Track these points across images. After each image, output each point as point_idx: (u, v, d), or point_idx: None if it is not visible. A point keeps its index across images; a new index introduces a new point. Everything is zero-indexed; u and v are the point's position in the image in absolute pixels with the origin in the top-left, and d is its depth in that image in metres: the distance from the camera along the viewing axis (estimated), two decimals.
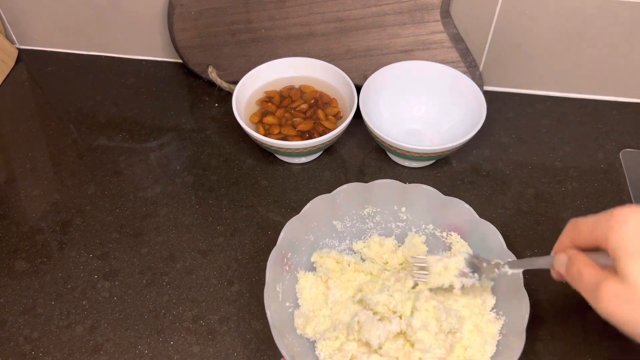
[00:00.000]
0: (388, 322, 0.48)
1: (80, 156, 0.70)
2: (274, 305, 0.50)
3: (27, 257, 0.60)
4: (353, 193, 0.57)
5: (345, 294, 0.53)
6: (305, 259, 0.56)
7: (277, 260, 0.53)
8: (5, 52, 0.81)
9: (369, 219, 0.59)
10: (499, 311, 0.51)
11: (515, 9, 0.67)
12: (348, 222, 0.59)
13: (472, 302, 0.51)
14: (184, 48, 0.75)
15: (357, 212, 0.58)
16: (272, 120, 0.67)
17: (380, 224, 0.59)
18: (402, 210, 0.58)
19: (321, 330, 0.51)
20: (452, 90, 0.68)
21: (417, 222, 0.58)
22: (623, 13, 0.65)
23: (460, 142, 0.61)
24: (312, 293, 0.54)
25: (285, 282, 0.54)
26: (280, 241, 0.53)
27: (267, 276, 0.51)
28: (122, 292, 0.57)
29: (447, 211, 0.56)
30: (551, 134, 0.71)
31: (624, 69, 0.71)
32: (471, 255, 0.50)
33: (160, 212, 0.64)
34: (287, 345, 0.47)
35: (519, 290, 0.49)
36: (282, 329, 0.49)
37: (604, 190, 0.65)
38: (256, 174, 0.67)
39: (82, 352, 0.53)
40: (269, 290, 0.50)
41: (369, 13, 0.69)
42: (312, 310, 0.53)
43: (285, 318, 0.52)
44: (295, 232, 0.55)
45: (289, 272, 0.54)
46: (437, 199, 0.56)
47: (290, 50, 0.73)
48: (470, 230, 0.55)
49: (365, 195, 0.58)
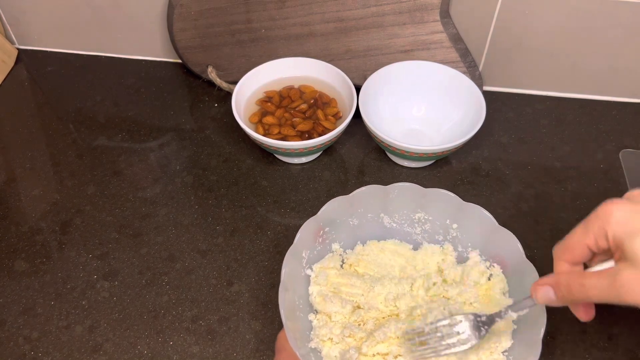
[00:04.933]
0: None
1: (80, 156, 0.70)
2: (293, 265, 0.50)
3: (26, 257, 0.60)
4: (408, 193, 0.56)
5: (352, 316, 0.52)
6: (343, 240, 0.56)
7: (313, 228, 0.53)
8: (5, 52, 0.81)
9: (418, 224, 0.57)
10: (510, 356, 0.48)
11: (515, 9, 0.67)
12: (397, 220, 0.57)
13: (484, 338, 0.48)
14: (184, 48, 0.75)
15: (408, 214, 0.57)
16: (272, 121, 0.67)
17: (429, 232, 0.57)
18: (453, 226, 0.56)
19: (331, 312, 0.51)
20: (452, 90, 0.68)
21: (465, 243, 0.56)
22: (623, 13, 0.65)
23: (460, 142, 0.61)
24: (333, 280, 0.53)
25: (315, 252, 0.54)
26: (321, 213, 0.53)
27: (296, 237, 0.51)
28: (121, 292, 0.57)
29: (498, 241, 0.53)
30: (551, 134, 0.71)
31: (624, 69, 0.71)
32: (473, 317, 0.47)
33: (160, 212, 0.64)
34: (287, 300, 0.47)
35: (534, 343, 0.46)
36: (290, 288, 0.49)
37: (603, 191, 0.65)
38: (256, 174, 0.67)
39: (81, 352, 0.53)
40: (294, 249, 0.50)
41: (369, 13, 0.69)
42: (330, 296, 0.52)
43: (298, 279, 0.52)
44: (339, 211, 0.54)
45: (321, 244, 0.54)
46: (491, 226, 0.53)
47: (290, 50, 0.73)
48: (514, 268, 0.53)
49: (420, 200, 0.56)
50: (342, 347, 0.49)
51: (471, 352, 0.48)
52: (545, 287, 0.42)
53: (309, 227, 0.52)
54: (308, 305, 0.52)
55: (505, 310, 0.46)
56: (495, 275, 0.54)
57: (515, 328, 0.50)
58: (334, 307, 0.51)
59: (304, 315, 0.51)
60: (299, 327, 0.49)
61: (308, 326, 0.51)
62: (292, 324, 0.47)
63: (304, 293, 0.53)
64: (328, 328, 0.50)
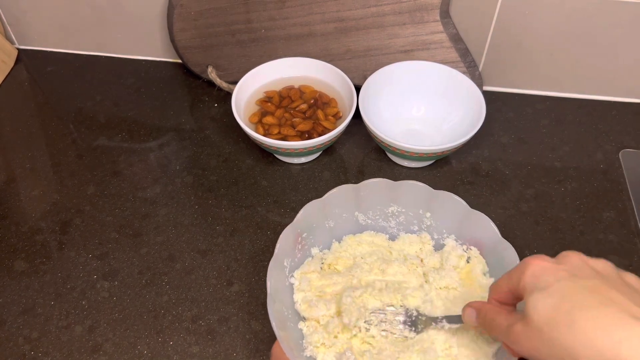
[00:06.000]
0: None
1: (80, 156, 0.70)
2: (277, 275, 0.50)
3: (26, 257, 0.60)
4: (379, 188, 0.56)
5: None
6: (322, 244, 0.56)
7: (291, 236, 0.52)
8: (5, 52, 0.81)
9: (392, 217, 0.58)
10: None
11: (514, 9, 0.67)
12: (371, 217, 0.58)
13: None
14: (184, 48, 0.75)
15: (382, 209, 0.57)
16: (272, 121, 0.67)
17: (403, 224, 0.58)
18: (427, 215, 0.57)
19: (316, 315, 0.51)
20: (452, 91, 0.68)
21: (440, 230, 0.57)
22: (623, 13, 0.65)
23: (459, 142, 0.61)
24: (315, 283, 0.53)
25: (296, 259, 0.54)
26: (296, 220, 0.53)
27: (276, 247, 0.51)
28: (121, 292, 0.57)
29: (472, 224, 0.54)
30: (551, 134, 0.71)
31: (624, 69, 0.71)
32: (409, 309, 0.50)
33: (160, 212, 0.64)
34: (276, 311, 0.47)
35: None
36: (277, 300, 0.49)
37: (603, 190, 0.65)
38: (255, 174, 0.67)
39: (81, 352, 0.53)
40: (276, 260, 0.50)
41: (369, 13, 0.69)
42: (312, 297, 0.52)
43: (283, 289, 0.52)
44: (314, 215, 0.54)
45: (300, 250, 0.54)
46: (463, 211, 0.54)
47: (290, 50, 0.73)
48: (491, 248, 0.53)
49: (391, 194, 0.56)
50: (337, 350, 0.49)
51: (469, 331, 0.48)
52: (472, 310, 0.44)
53: (287, 235, 0.52)
54: (296, 314, 0.52)
55: (440, 319, 0.48)
56: (473, 257, 0.54)
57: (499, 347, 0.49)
58: (320, 311, 0.50)
59: (294, 325, 0.51)
60: (292, 337, 0.49)
61: (300, 335, 0.50)
62: (285, 334, 0.47)
63: (290, 302, 0.52)
64: (318, 333, 0.49)
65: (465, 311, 0.45)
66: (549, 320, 0.35)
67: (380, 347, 0.48)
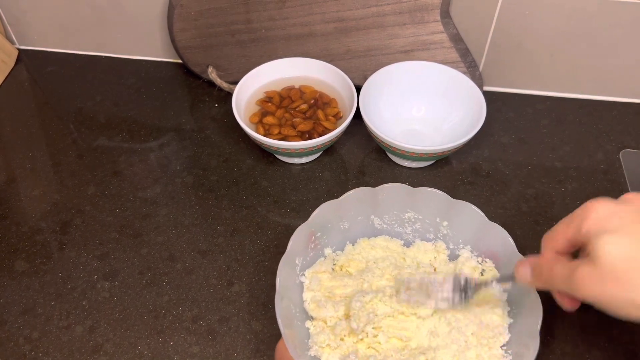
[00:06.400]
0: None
1: (80, 156, 0.70)
2: (287, 273, 0.50)
3: (27, 257, 0.60)
4: (397, 193, 0.56)
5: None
6: (335, 245, 0.56)
7: (305, 234, 0.52)
8: (5, 52, 0.81)
9: (409, 224, 0.57)
10: (509, 350, 0.48)
11: (515, 10, 0.67)
12: (387, 221, 0.57)
13: (481, 333, 0.49)
14: (184, 48, 0.75)
15: (398, 215, 0.57)
16: (272, 121, 0.67)
17: (419, 231, 0.57)
18: (443, 224, 0.56)
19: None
20: (452, 91, 0.68)
21: (456, 240, 0.56)
22: (623, 13, 0.65)
23: (460, 143, 0.61)
24: (326, 284, 0.53)
25: (308, 258, 0.54)
26: (311, 218, 0.53)
27: (289, 245, 0.51)
28: (122, 293, 0.57)
29: (489, 236, 0.54)
30: (551, 134, 0.71)
31: (624, 69, 0.71)
32: (457, 276, 0.50)
33: (160, 212, 0.64)
34: (284, 308, 0.47)
35: (532, 335, 0.46)
36: (286, 297, 0.49)
37: (603, 191, 0.65)
38: (256, 174, 0.68)
39: (81, 352, 0.53)
40: (288, 257, 0.50)
41: (369, 13, 0.69)
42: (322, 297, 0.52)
43: (293, 287, 0.52)
44: (329, 215, 0.54)
45: (313, 249, 0.54)
46: (481, 222, 0.54)
47: (290, 50, 0.73)
48: (505, 262, 0.53)
49: (409, 200, 0.56)
50: (341, 353, 0.49)
51: (470, 350, 0.48)
52: (526, 266, 0.43)
53: (300, 233, 0.52)
54: (304, 312, 0.52)
55: (490, 281, 0.48)
56: (487, 271, 0.54)
57: (511, 322, 0.50)
58: (328, 312, 0.50)
59: (301, 323, 0.51)
60: (298, 335, 0.49)
61: (306, 334, 0.50)
62: (290, 332, 0.47)
63: (299, 301, 0.52)
64: (325, 334, 0.49)
65: (519, 268, 0.43)
66: (626, 261, 0.34)
67: (385, 354, 0.48)
